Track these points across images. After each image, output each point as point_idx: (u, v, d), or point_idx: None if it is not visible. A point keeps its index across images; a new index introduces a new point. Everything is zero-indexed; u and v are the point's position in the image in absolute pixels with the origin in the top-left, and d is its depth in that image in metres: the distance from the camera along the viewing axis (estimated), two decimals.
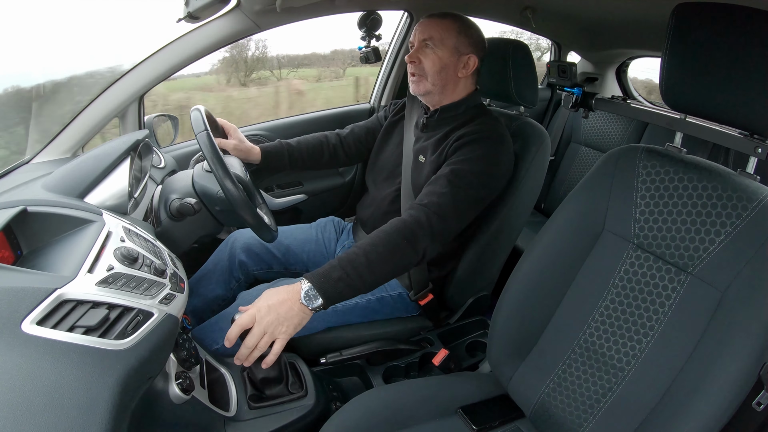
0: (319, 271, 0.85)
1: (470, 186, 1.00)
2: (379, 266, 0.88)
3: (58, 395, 0.47)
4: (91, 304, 0.58)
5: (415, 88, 1.14)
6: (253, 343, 0.79)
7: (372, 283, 0.89)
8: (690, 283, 0.74)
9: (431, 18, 1.12)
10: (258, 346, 0.79)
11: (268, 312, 0.80)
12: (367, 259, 0.87)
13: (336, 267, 0.85)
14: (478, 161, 1.03)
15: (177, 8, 1.10)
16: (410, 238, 0.92)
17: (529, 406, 0.89)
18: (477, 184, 1.02)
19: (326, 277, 0.84)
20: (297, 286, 0.83)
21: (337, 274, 0.84)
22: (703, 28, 0.68)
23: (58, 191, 0.82)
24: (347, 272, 0.85)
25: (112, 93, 1.16)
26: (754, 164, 0.76)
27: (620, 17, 1.61)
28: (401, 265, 0.93)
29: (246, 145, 1.20)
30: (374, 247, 0.89)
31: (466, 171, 1.01)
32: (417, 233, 0.93)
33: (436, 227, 0.95)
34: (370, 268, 0.87)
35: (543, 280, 0.91)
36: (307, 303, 0.82)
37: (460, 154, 1.04)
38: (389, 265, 0.90)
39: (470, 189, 1.01)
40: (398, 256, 0.91)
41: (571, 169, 2.19)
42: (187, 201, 0.91)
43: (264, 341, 0.79)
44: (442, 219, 0.96)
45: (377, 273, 0.88)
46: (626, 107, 1.44)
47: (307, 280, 0.84)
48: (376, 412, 0.85)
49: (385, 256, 0.89)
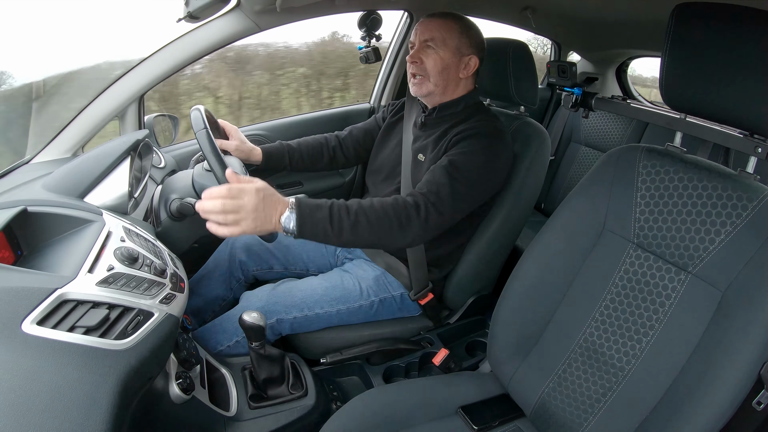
0: (310, 205, 0.85)
1: (468, 180, 1.00)
2: (362, 233, 0.88)
3: (59, 395, 0.47)
4: (92, 304, 0.58)
5: (416, 90, 1.13)
6: (220, 209, 0.76)
7: (347, 243, 0.89)
8: (690, 282, 0.74)
9: (432, 18, 1.11)
10: (220, 218, 0.77)
11: (255, 206, 0.78)
12: (355, 220, 0.88)
13: (324, 210, 0.86)
14: (477, 155, 1.02)
15: (177, 8, 1.10)
16: (403, 222, 0.92)
17: (529, 405, 0.89)
18: (475, 179, 1.01)
19: (311, 215, 0.84)
20: (285, 205, 0.83)
21: (321, 215, 0.85)
22: (703, 28, 0.68)
23: (58, 191, 0.82)
24: (331, 222, 0.85)
25: (112, 93, 1.16)
26: (754, 164, 0.76)
27: (620, 17, 1.61)
28: (384, 242, 0.93)
29: (247, 146, 1.21)
30: (367, 215, 0.89)
31: (464, 164, 1.01)
32: (412, 219, 0.93)
33: (431, 219, 0.95)
34: (353, 230, 0.87)
35: (543, 280, 0.91)
36: (284, 224, 0.82)
37: (458, 148, 1.04)
38: (372, 237, 0.90)
39: (468, 183, 1.00)
40: (384, 233, 0.91)
41: (571, 169, 2.19)
42: (187, 201, 0.91)
43: (227, 218, 0.77)
44: (439, 213, 0.96)
45: (357, 237, 0.89)
46: (626, 107, 1.44)
47: (295, 209, 0.83)
48: (376, 412, 0.85)
49: (373, 226, 0.89)
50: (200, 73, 2.79)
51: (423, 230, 0.95)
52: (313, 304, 1.12)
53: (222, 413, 0.87)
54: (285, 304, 1.10)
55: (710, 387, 0.65)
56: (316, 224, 0.84)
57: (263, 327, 0.89)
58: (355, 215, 0.88)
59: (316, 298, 1.12)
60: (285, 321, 1.10)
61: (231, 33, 1.21)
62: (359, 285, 1.17)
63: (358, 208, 0.89)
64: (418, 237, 0.95)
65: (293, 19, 1.31)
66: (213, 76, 2.84)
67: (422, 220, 0.94)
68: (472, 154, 1.02)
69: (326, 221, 0.85)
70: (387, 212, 0.91)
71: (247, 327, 0.89)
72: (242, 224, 0.78)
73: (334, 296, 1.14)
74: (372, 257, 1.24)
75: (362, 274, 1.19)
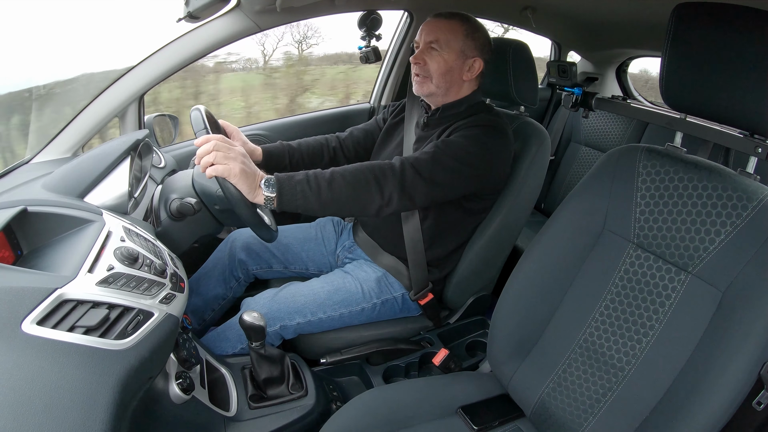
0: (287, 174, 0.90)
1: (454, 157, 0.99)
2: (339, 189, 0.90)
3: (59, 395, 0.47)
4: (92, 304, 0.58)
5: (418, 89, 1.13)
6: (212, 148, 0.82)
7: (326, 202, 0.90)
8: (690, 282, 0.74)
9: (438, 18, 1.10)
10: (210, 157, 0.81)
11: (243, 156, 0.85)
12: (331, 178, 0.90)
13: (301, 174, 0.90)
14: (472, 141, 1.02)
15: (177, 8, 1.10)
16: (379, 178, 0.93)
17: (529, 405, 0.89)
18: (462, 158, 1.00)
19: (289, 179, 0.89)
20: (264, 176, 0.88)
21: (299, 177, 0.89)
22: (703, 28, 0.68)
23: (58, 191, 0.82)
24: (308, 182, 0.89)
25: (112, 93, 1.16)
26: (755, 164, 0.76)
27: (620, 17, 1.61)
28: (362, 200, 0.93)
29: (249, 146, 1.20)
30: (342, 173, 0.92)
31: (456, 142, 1.01)
32: (387, 175, 0.94)
33: (407, 178, 0.95)
34: (330, 188, 0.89)
35: (543, 280, 0.91)
36: (264, 185, 0.86)
37: (456, 134, 1.05)
38: (349, 191, 0.91)
39: (454, 157, 0.99)
40: (362, 189, 0.92)
41: (571, 169, 2.19)
42: (187, 201, 0.91)
43: (218, 157, 0.81)
44: (416, 172, 0.95)
45: (335, 194, 0.90)
46: (626, 107, 1.44)
47: (273, 176, 0.88)
48: (376, 412, 0.85)
49: (349, 182, 0.91)
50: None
51: (399, 190, 0.94)
52: (316, 308, 1.12)
53: (222, 413, 0.87)
54: (288, 311, 1.10)
55: (710, 387, 0.65)
56: (294, 186, 0.88)
57: (263, 327, 0.89)
58: (330, 174, 0.91)
59: (318, 303, 1.12)
60: (289, 327, 1.11)
61: (231, 33, 1.22)
62: (361, 287, 1.16)
63: (333, 169, 0.93)
64: (395, 197, 0.94)
65: (293, 19, 1.31)
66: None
67: (398, 176, 0.94)
68: (467, 138, 1.02)
69: (304, 182, 0.89)
70: (362, 169, 0.94)
71: (246, 327, 0.89)
72: (230, 163, 0.82)
73: (337, 300, 1.14)
74: (372, 257, 1.24)
75: (364, 276, 1.19)
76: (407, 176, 0.95)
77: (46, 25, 1.74)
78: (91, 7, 2.06)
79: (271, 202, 0.86)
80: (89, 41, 1.89)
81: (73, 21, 1.89)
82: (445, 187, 1.00)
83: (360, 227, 1.32)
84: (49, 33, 1.72)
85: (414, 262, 1.16)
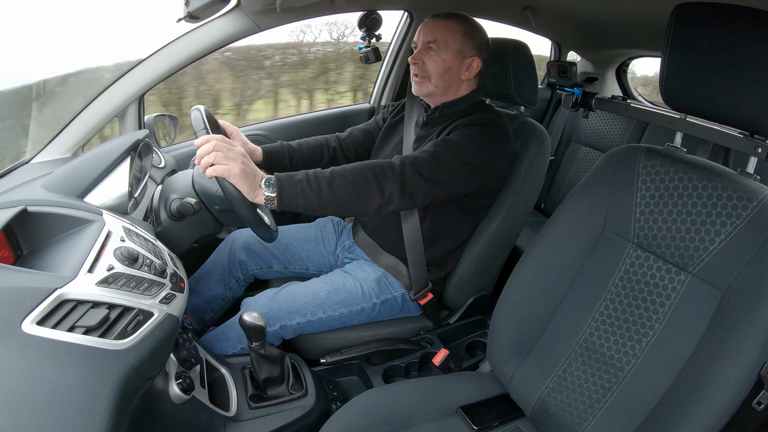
0: (287, 173, 0.90)
1: (454, 155, 0.99)
2: (339, 187, 0.90)
3: (59, 395, 0.47)
4: (91, 304, 0.58)
5: (417, 89, 1.13)
6: (212, 148, 0.82)
7: (326, 201, 0.90)
8: (690, 282, 0.74)
9: (436, 19, 1.11)
10: (210, 157, 0.81)
11: (243, 156, 0.85)
12: (331, 177, 0.90)
13: (301, 174, 0.90)
14: (471, 139, 1.02)
15: (177, 8, 1.10)
16: (379, 177, 0.93)
17: (529, 405, 0.89)
18: (462, 156, 1.00)
19: (289, 178, 0.89)
20: (265, 175, 0.88)
21: (299, 177, 0.89)
22: (703, 28, 0.68)
23: (58, 191, 0.82)
24: (309, 181, 0.89)
25: (112, 93, 1.16)
26: (754, 164, 0.76)
27: (620, 17, 1.61)
28: (362, 199, 0.93)
29: (249, 146, 1.20)
30: (343, 171, 0.92)
31: (456, 141, 1.01)
32: (387, 174, 0.94)
33: (407, 176, 0.95)
34: (330, 186, 0.89)
35: (543, 280, 0.91)
36: (264, 185, 0.86)
37: (455, 133, 1.05)
38: (349, 190, 0.91)
39: (453, 155, 0.99)
40: (362, 188, 0.92)
41: (571, 169, 2.19)
42: (187, 201, 0.91)
43: (218, 157, 0.81)
44: (416, 171, 0.96)
45: (335, 192, 0.90)
46: (626, 107, 1.44)
47: (273, 175, 0.88)
48: (376, 412, 0.85)
49: (349, 181, 0.91)
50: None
51: (399, 188, 0.94)
52: (316, 308, 1.12)
53: (222, 413, 0.87)
54: (288, 311, 1.10)
55: (710, 387, 0.65)
56: (295, 185, 0.88)
57: (263, 327, 0.89)
58: (331, 173, 0.91)
59: (318, 303, 1.12)
60: (288, 327, 1.11)
61: (231, 33, 1.22)
62: (361, 287, 1.17)
63: (334, 168, 0.93)
64: (395, 196, 0.94)
65: (293, 19, 1.31)
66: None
67: (398, 174, 0.94)
68: (466, 136, 1.03)
69: (304, 182, 0.89)
70: (362, 167, 0.94)
71: (246, 327, 0.89)
72: (230, 163, 0.82)
73: (337, 300, 1.14)
74: (372, 257, 1.24)
75: (363, 276, 1.19)
76: (407, 175, 0.95)
77: (43, 25, 1.74)
78: (91, 7, 2.05)
79: (271, 202, 0.86)
80: (89, 41, 1.89)
81: (72, 21, 1.88)
82: (445, 186, 1.00)
83: (360, 227, 1.32)
84: (45, 31, 1.72)
85: (414, 261, 1.16)
